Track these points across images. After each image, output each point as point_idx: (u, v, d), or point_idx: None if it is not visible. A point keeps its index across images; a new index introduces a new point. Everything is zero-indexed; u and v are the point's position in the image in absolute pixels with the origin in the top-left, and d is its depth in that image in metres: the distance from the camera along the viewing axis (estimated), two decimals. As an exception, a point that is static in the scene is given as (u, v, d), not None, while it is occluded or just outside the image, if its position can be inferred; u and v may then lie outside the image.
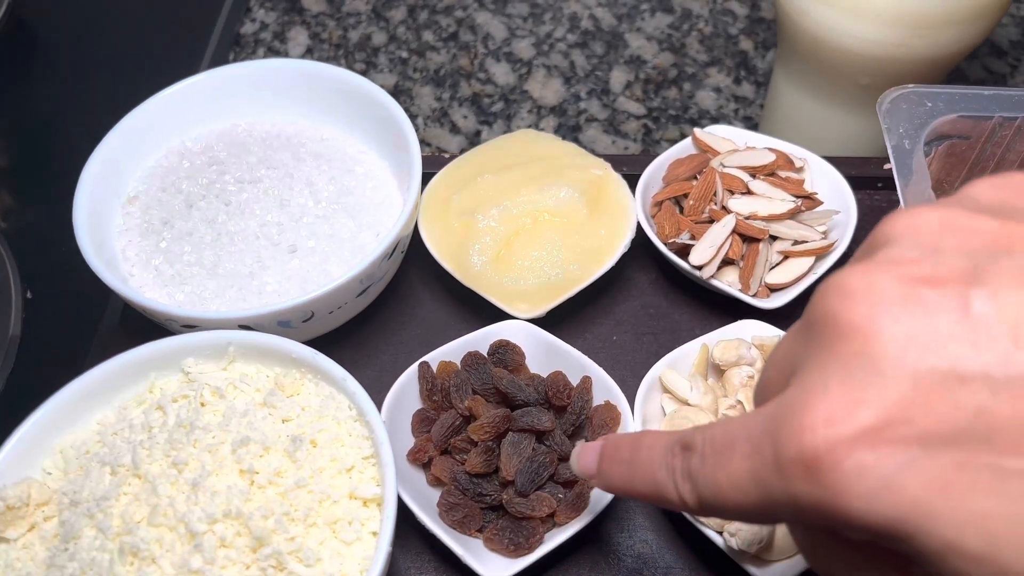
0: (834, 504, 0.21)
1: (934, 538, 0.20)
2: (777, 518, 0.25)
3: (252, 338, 0.45)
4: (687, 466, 0.27)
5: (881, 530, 0.21)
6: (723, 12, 0.80)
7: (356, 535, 0.40)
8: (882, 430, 0.21)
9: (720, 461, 0.25)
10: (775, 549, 0.42)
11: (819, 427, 0.21)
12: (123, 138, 0.55)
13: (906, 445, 0.20)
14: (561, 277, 0.51)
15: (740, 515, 0.26)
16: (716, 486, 0.26)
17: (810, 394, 0.22)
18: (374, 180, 0.55)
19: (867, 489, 0.21)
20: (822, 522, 0.22)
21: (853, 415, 0.21)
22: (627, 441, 0.32)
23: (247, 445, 0.41)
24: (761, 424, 0.23)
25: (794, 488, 0.22)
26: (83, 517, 0.40)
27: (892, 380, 0.21)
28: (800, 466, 0.22)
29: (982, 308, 0.20)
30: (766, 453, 0.23)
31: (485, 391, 0.47)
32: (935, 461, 0.20)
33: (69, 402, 0.44)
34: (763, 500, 0.24)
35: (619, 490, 0.33)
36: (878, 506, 0.21)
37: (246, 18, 0.82)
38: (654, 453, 0.29)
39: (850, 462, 0.21)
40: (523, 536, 0.43)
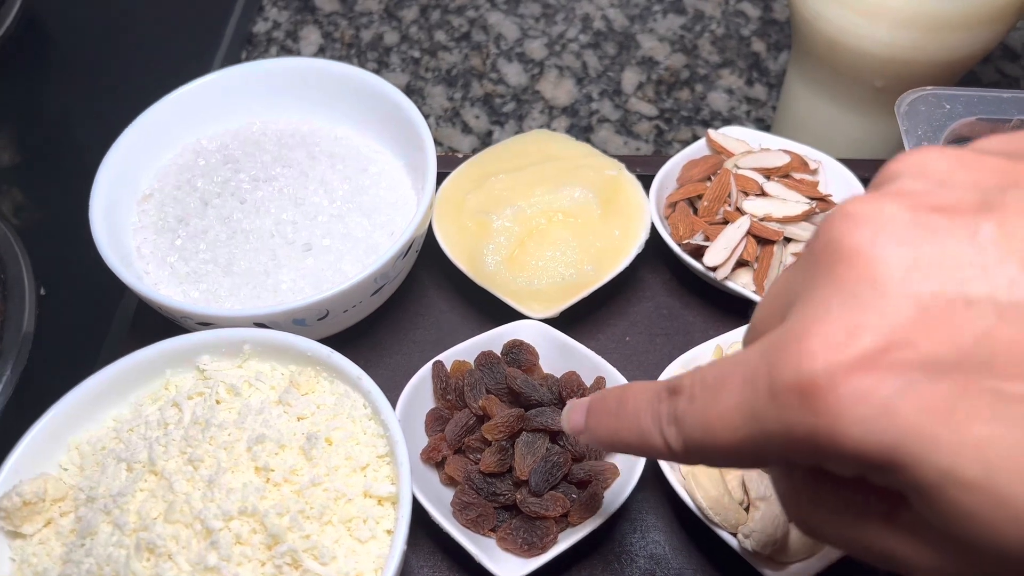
0: (829, 431, 0.21)
1: (930, 466, 0.20)
2: (763, 457, 0.24)
3: (267, 336, 0.45)
4: (673, 410, 0.26)
5: (875, 459, 0.20)
6: (735, 14, 0.80)
7: (371, 533, 0.40)
8: (883, 354, 0.20)
9: (710, 399, 0.24)
10: (789, 551, 0.42)
11: (818, 352, 0.21)
12: (139, 136, 0.55)
13: (907, 370, 0.20)
14: (575, 277, 0.51)
15: (725, 456, 0.25)
16: (704, 425, 0.25)
17: (810, 320, 0.21)
18: (388, 179, 0.56)
19: (864, 415, 0.20)
20: (813, 455, 0.22)
21: (854, 340, 0.20)
22: (614, 393, 0.31)
23: (262, 443, 0.41)
24: (756, 357, 0.23)
25: (788, 417, 0.21)
26: (99, 513, 0.40)
27: (896, 304, 0.20)
28: (796, 393, 0.21)
29: (990, 235, 0.20)
30: (760, 384, 0.22)
31: (499, 391, 0.47)
32: (936, 386, 0.20)
33: (85, 399, 0.44)
34: (753, 435, 0.23)
35: (606, 442, 0.32)
36: (874, 432, 0.20)
37: (258, 17, 0.82)
38: (640, 401, 0.29)
39: (848, 387, 0.20)
40: (537, 536, 0.43)
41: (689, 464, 0.29)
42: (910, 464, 0.20)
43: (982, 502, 0.19)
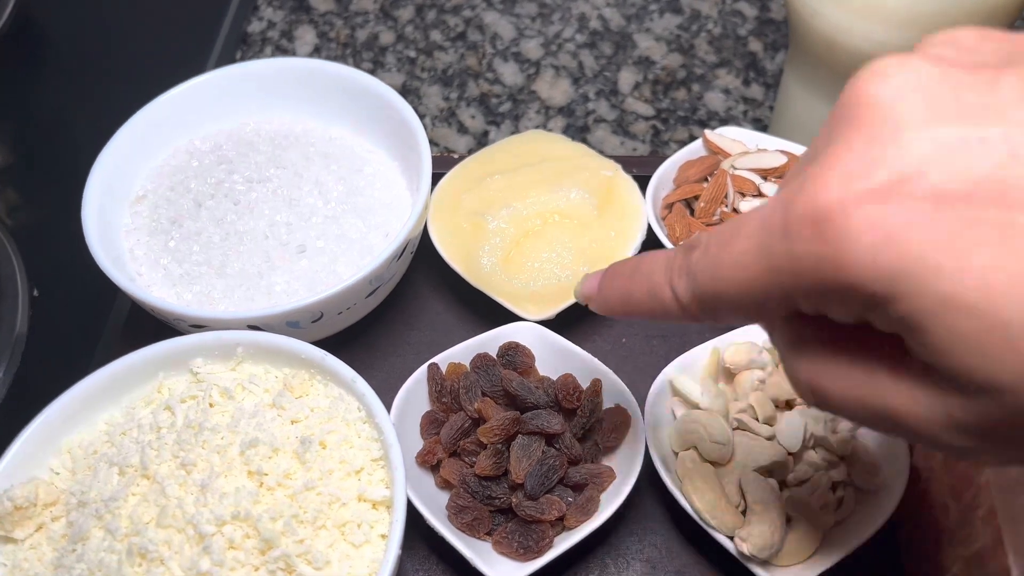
0: (836, 259, 0.21)
1: (931, 293, 0.20)
2: (769, 300, 0.24)
3: (261, 338, 0.45)
4: (687, 262, 0.27)
5: (878, 288, 0.21)
6: (732, 13, 0.80)
7: (365, 538, 0.40)
8: (895, 186, 0.21)
9: (724, 245, 0.25)
10: (786, 554, 0.42)
11: (833, 185, 0.22)
12: (131, 137, 0.54)
13: (918, 200, 0.21)
14: (571, 279, 0.51)
15: (730, 302, 0.26)
16: (715, 269, 0.26)
17: (830, 160, 0.22)
18: (383, 180, 0.55)
19: (871, 242, 0.21)
20: (818, 290, 0.23)
21: (869, 173, 0.21)
22: (631, 258, 0.32)
23: (256, 446, 0.41)
24: (773, 202, 0.24)
25: (797, 249, 0.22)
26: (91, 518, 0.39)
27: (912, 142, 0.21)
28: (809, 223, 0.22)
29: (1010, 84, 0.21)
30: (775, 222, 0.23)
31: (494, 393, 0.47)
32: (944, 215, 0.20)
33: (77, 401, 0.43)
34: (761, 274, 0.24)
35: (615, 305, 0.32)
36: (880, 259, 0.21)
37: (253, 16, 0.81)
38: (656, 262, 0.30)
39: (858, 216, 0.21)
40: (532, 539, 0.43)
41: (694, 321, 0.29)
42: (912, 292, 0.21)
43: (980, 327, 0.20)
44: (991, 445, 0.23)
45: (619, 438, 0.46)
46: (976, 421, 0.22)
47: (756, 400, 0.46)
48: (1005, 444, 0.23)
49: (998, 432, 0.22)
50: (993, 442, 0.23)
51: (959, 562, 0.38)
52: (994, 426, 0.22)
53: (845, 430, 0.46)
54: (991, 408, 0.21)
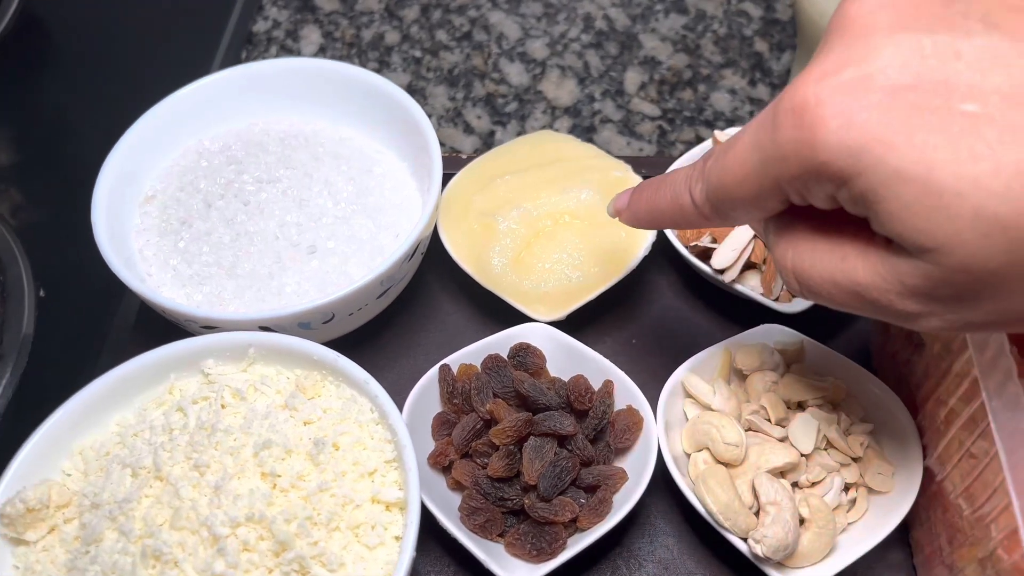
0: (811, 141, 0.26)
1: (885, 166, 0.25)
2: (765, 188, 0.29)
3: (273, 339, 0.45)
4: (702, 167, 0.33)
5: (844, 164, 0.26)
6: (738, 13, 0.80)
7: (379, 539, 0.40)
8: (861, 81, 0.26)
9: (729, 148, 0.31)
10: (799, 556, 0.42)
11: (811, 82, 0.27)
12: (141, 137, 0.54)
13: (877, 92, 0.26)
14: (581, 280, 0.51)
15: (735, 195, 0.31)
16: (721, 168, 0.31)
17: (813, 63, 0.28)
18: (393, 181, 0.55)
19: (838, 125, 0.26)
20: (799, 172, 0.27)
21: (840, 71, 0.26)
22: (660, 176, 0.38)
23: (269, 448, 0.41)
24: (768, 107, 0.29)
25: (782, 136, 0.27)
26: (104, 519, 0.39)
27: (879, 46, 0.26)
28: (791, 114, 0.27)
29: (963, 6, 0.26)
30: (767, 119, 0.28)
31: (506, 394, 0.47)
32: (897, 103, 0.25)
33: (88, 403, 0.43)
34: (758, 164, 0.29)
35: (643, 214, 0.39)
36: (845, 139, 0.26)
37: (258, 16, 0.81)
38: (678, 174, 0.36)
39: (829, 105, 0.26)
40: (545, 541, 0.43)
41: (708, 223, 0.35)
42: (869, 167, 0.26)
43: (922, 193, 0.25)
44: (937, 306, 0.27)
45: (631, 439, 0.46)
46: (922, 283, 0.27)
47: (768, 401, 0.46)
48: (948, 304, 0.27)
49: (940, 292, 0.27)
50: (938, 302, 0.27)
51: (972, 563, 0.38)
52: (936, 285, 0.27)
53: (858, 432, 0.46)
54: (932, 269, 0.26)
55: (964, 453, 0.39)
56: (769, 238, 0.33)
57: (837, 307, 0.31)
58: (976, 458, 0.38)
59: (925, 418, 0.44)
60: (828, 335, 0.52)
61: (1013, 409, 0.35)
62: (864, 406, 0.47)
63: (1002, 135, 0.24)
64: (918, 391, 0.45)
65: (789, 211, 0.31)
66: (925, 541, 0.44)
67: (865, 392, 0.47)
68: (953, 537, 0.40)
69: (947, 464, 0.41)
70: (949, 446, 0.41)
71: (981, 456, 0.38)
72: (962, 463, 0.40)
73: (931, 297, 0.27)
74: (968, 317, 0.28)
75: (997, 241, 0.25)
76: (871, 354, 0.52)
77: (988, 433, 0.36)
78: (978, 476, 0.38)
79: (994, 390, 0.36)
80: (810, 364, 0.49)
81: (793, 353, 0.48)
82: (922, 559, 0.44)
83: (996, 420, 0.36)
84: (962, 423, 0.39)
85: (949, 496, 0.41)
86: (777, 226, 0.32)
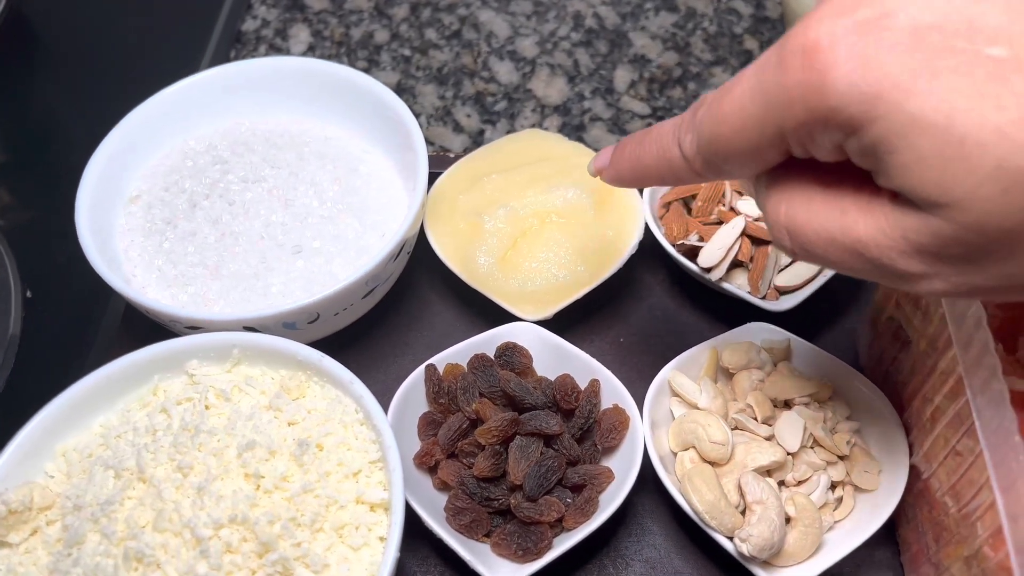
0: (821, 85, 0.24)
1: (902, 112, 0.23)
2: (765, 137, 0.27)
3: (257, 340, 0.44)
4: (692, 117, 0.30)
5: (857, 110, 0.24)
6: (728, 11, 0.80)
7: (363, 540, 0.39)
8: (878, 20, 0.23)
9: (725, 93, 0.28)
10: (785, 554, 0.42)
11: (823, 21, 0.24)
12: (125, 136, 0.54)
13: (895, 32, 0.23)
14: (568, 279, 0.51)
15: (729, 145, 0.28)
16: (715, 117, 0.28)
17: (823, 1, 0.25)
18: (379, 180, 0.55)
19: (852, 68, 0.23)
20: (805, 118, 0.25)
21: (855, 9, 0.24)
22: (642, 130, 0.35)
23: (253, 449, 0.40)
24: (769, 50, 0.26)
25: (789, 78, 0.25)
26: (87, 522, 0.39)
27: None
28: (799, 55, 0.24)
29: None
30: (770, 61, 0.26)
31: (492, 394, 0.46)
32: (917, 44, 0.23)
33: (71, 404, 0.43)
34: (758, 110, 0.26)
35: (626, 171, 0.36)
36: (859, 83, 0.23)
37: (247, 15, 0.81)
38: (664, 125, 0.32)
39: (843, 46, 0.24)
40: (531, 541, 0.43)
41: (698, 178, 0.32)
42: (885, 113, 0.23)
43: (940, 143, 0.23)
44: (943, 267, 0.25)
45: (618, 439, 0.46)
46: (930, 241, 0.25)
47: (755, 400, 0.46)
48: (955, 265, 0.25)
49: (948, 251, 0.25)
50: (944, 263, 0.25)
51: (959, 562, 0.38)
52: (945, 244, 0.25)
53: (845, 430, 0.45)
54: (942, 225, 0.24)
55: (950, 451, 0.39)
56: (760, 191, 0.31)
57: (832, 267, 0.29)
58: (962, 456, 0.38)
59: (911, 416, 0.44)
60: (815, 333, 0.52)
61: (997, 407, 0.35)
62: (850, 404, 0.47)
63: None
64: (904, 389, 0.45)
65: (785, 162, 0.29)
66: (912, 539, 0.44)
67: (851, 390, 0.47)
68: (939, 535, 0.40)
69: (933, 462, 0.41)
70: (935, 444, 0.41)
71: (966, 454, 0.37)
72: (948, 461, 0.40)
73: (938, 256, 0.25)
74: (974, 280, 0.26)
75: (1017, 198, 0.23)
76: (858, 352, 0.52)
77: (973, 431, 0.36)
78: (964, 474, 0.38)
79: (979, 388, 0.36)
80: (797, 362, 0.49)
81: (780, 351, 0.48)
82: (909, 557, 0.44)
83: (980, 418, 0.36)
84: (948, 421, 0.39)
85: (935, 494, 0.41)
86: (770, 177, 0.30)
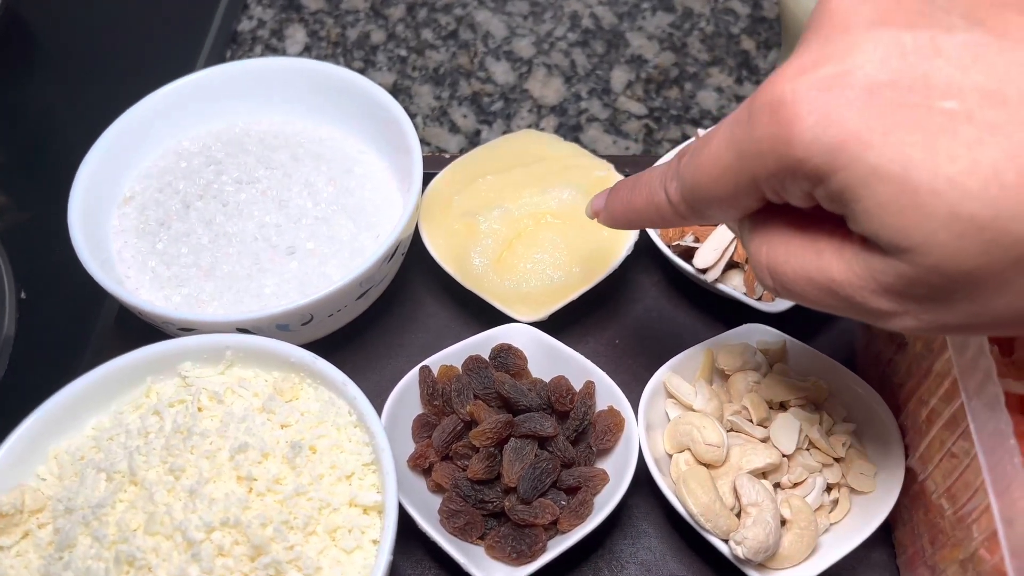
0: (787, 137, 0.26)
1: (862, 164, 0.25)
2: (740, 185, 0.29)
3: (250, 342, 0.44)
4: (677, 165, 0.33)
5: (821, 161, 0.26)
6: (724, 11, 0.79)
7: (356, 543, 0.39)
8: (838, 77, 0.25)
9: (704, 145, 0.30)
10: (781, 557, 0.42)
11: (788, 78, 0.26)
12: (119, 137, 0.54)
13: (855, 89, 0.25)
14: (563, 280, 0.51)
15: (710, 192, 0.30)
16: (696, 166, 0.31)
17: (791, 58, 0.27)
18: (373, 181, 0.55)
19: (815, 122, 0.25)
20: (776, 168, 0.27)
21: (818, 67, 0.26)
22: (635, 175, 0.38)
23: (245, 451, 0.40)
24: (743, 105, 0.28)
25: (758, 132, 0.27)
26: (78, 525, 0.39)
27: (857, 41, 0.26)
28: (767, 110, 0.27)
29: (945, 0, 0.26)
30: (742, 115, 0.28)
31: (487, 396, 0.46)
32: (875, 100, 0.25)
33: (64, 406, 0.43)
34: (733, 160, 0.29)
35: (620, 214, 0.39)
36: (821, 136, 0.25)
37: (243, 15, 0.81)
38: (654, 172, 0.35)
39: (805, 101, 0.26)
40: (525, 544, 0.42)
41: (684, 221, 0.34)
42: (846, 164, 0.25)
43: (898, 192, 0.24)
44: (912, 305, 0.27)
45: (613, 440, 0.46)
46: (896, 282, 0.26)
47: (750, 402, 0.45)
48: (921, 304, 0.27)
49: (914, 291, 0.26)
50: (912, 301, 0.27)
51: (954, 564, 0.38)
52: (910, 284, 0.26)
53: (840, 432, 0.45)
54: (906, 268, 0.26)
55: (945, 453, 0.39)
56: (744, 234, 0.33)
57: (811, 305, 0.30)
58: (957, 458, 0.38)
59: (907, 418, 0.44)
60: (811, 335, 0.52)
61: (992, 409, 0.34)
62: (846, 406, 0.47)
63: (980, 134, 0.24)
64: (900, 391, 0.45)
65: (765, 208, 0.31)
66: (908, 541, 0.44)
67: (847, 392, 0.47)
68: (935, 538, 0.40)
69: (929, 464, 0.41)
70: (931, 446, 0.41)
71: (962, 456, 0.37)
72: (943, 463, 0.39)
73: (905, 296, 0.27)
74: (942, 318, 0.27)
75: (972, 242, 0.24)
76: (855, 354, 0.52)
77: (968, 433, 0.36)
78: (959, 476, 0.38)
79: (974, 390, 0.36)
80: (792, 364, 0.48)
81: (775, 353, 0.48)
82: (905, 559, 0.44)
83: (975, 420, 0.35)
84: (943, 423, 0.39)
85: (931, 496, 0.41)
86: (753, 222, 0.32)
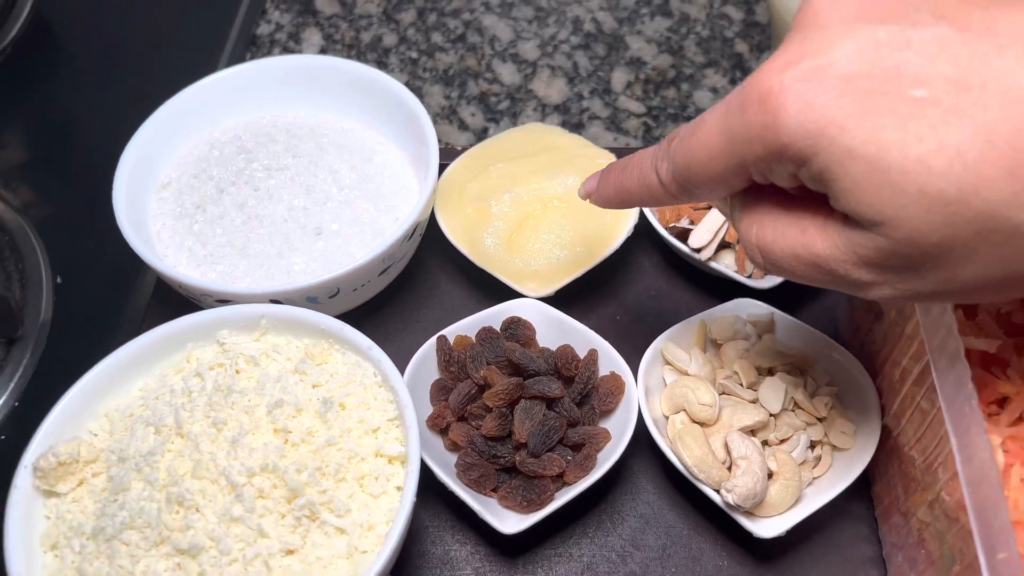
0: (774, 123, 0.29)
1: (839, 146, 0.28)
2: (731, 168, 0.32)
3: (283, 311, 0.48)
4: (668, 150, 0.35)
5: (803, 144, 0.28)
6: (719, 16, 0.84)
7: (382, 489, 0.43)
8: (818, 70, 0.28)
9: (694, 130, 0.33)
10: (768, 505, 0.45)
11: (775, 71, 0.29)
12: (157, 128, 0.58)
13: (834, 80, 0.28)
14: (569, 259, 0.55)
15: (702, 175, 0.33)
16: (687, 150, 0.33)
17: (776, 54, 0.30)
18: (392, 169, 0.59)
19: (797, 110, 0.28)
20: (764, 152, 0.30)
21: (800, 61, 0.29)
22: (626, 157, 0.40)
23: (281, 407, 0.44)
24: (732, 94, 0.31)
25: (748, 119, 0.30)
26: (131, 471, 0.43)
27: (835, 37, 0.29)
28: (756, 100, 0.29)
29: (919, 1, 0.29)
30: (733, 104, 0.31)
31: (499, 363, 0.50)
32: (850, 88, 0.28)
33: (112, 370, 0.47)
34: (724, 145, 0.31)
35: (612, 195, 0.41)
36: (803, 122, 0.28)
37: (262, 19, 0.85)
38: (644, 155, 0.38)
39: (790, 91, 0.29)
40: (535, 493, 0.46)
41: (675, 201, 0.37)
42: (825, 147, 0.28)
43: (872, 171, 0.27)
44: (888, 275, 0.30)
45: (614, 402, 0.49)
46: (874, 254, 0.29)
47: (741, 367, 0.49)
48: (898, 273, 0.30)
49: (890, 262, 0.29)
50: (889, 272, 0.30)
51: (923, 506, 0.42)
52: (886, 256, 0.29)
53: (823, 394, 0.49)
54: (882, 241, 0.29)
55: (915, 408, 0.43)
56: (734, 214, 0.36)
57: (798, 279, 0.33)
58: (925, 412, 0.42)
59: (883, 381, 0.48)
60: (797, 308, 0.56)
61: (953, 360, 0.38)
62: (828, 371, 0.51)
63: (946, 117, 0.26)
64: (877, 356, 0.49)
65: (753, 189, 0.34)
66: (884, 493, 0.48)
67: (829, 359, 0.51)
68: (907, 486, 0.44)
69: (902, 419, 0.45)
70: (903, 403, 0.45)
71: (929, 409, 0.41)
72: (914, 417, 0.43)
73: (882, 267, 0.30)
74: (916, 286, 0.30)
75: (939, 216, 0.27)
76: (837, 325, 0.56)
77: (934, 388, 0.40)
78: (928, 427, 0.42)
79: (937, 345, 0.40)
80: (780, 335, 0.52)
81: (764, 324, 0.52)
82: (881, 510, 0.48)
83: (938, 371, 0.39)
84: (913, 380, 0.43)
85: (904, 449, 0.45)
86: (742, 203, 0.35)
